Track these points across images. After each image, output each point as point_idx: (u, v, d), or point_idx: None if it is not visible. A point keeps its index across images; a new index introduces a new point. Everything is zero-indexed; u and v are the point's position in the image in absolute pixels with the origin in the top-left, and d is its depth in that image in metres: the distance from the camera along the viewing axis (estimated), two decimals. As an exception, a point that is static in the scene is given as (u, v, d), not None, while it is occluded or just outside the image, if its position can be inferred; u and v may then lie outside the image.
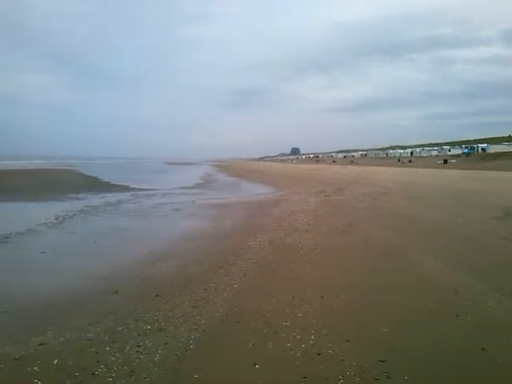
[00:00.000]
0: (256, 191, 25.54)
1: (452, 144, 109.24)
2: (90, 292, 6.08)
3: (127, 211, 15.19)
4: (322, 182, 29.76)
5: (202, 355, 4.07)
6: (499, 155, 61.19)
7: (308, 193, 21.47)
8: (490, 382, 3.61)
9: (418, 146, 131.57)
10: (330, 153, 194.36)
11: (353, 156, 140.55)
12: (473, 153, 79.52)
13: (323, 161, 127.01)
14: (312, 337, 4.38)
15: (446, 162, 65.84)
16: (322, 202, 16.84)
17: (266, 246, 8.85)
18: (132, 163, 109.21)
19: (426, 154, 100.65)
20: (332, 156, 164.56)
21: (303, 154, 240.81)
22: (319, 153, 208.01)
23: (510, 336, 4.35)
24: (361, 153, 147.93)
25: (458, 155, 78.47)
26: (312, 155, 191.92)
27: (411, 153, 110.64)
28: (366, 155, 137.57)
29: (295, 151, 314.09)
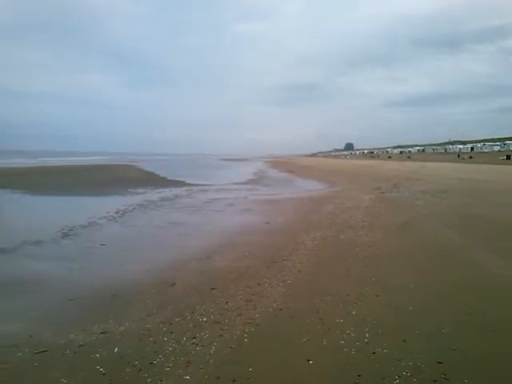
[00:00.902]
0: (308, 187, 25.39)
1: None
2: (149, 284, 6.31)
3: (183, 206, 15.64)
4: (377, 179, 29.02)
5: (256, 349, 4.12)
6: None
7: (362, 189, 21.03)
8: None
9: (479, 142, 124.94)
10: (385, 148, 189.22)
11: (409, 152, 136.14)
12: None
13: (378, 157, 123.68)
14: (367, 335, 4.31)
15: (509, 157, 61.88)
16: (377, 199, 16.43)
17: (319, 242, 8.79)
18: (188, 159, 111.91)
19: (487, 150, 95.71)
20: (387, 152, 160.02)
21: (357, 149, 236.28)
22: (374, 148, 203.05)
23: None
24: (418, 148, 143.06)
25: (522, 150, 73.82)
26: (366, 151, 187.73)
27: (471, 148, 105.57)
28: (423, 151, 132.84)
29: (349, 147, 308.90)
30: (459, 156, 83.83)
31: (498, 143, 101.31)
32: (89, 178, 31.10)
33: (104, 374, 3.70)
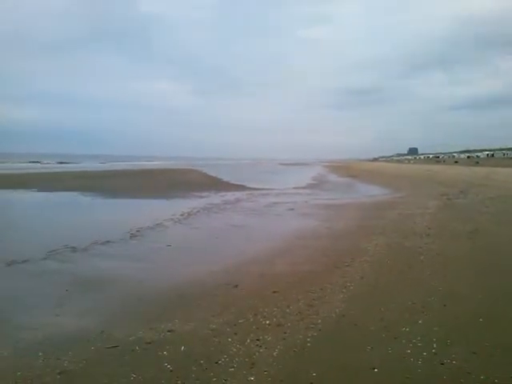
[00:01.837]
0: (370, 192, 24.83)
1: None
2: (213, 285, 6.49)
3: (245, 209, 15.88)
4: (443, 184, 27.79)
5: (319, 354, 4.11)
6: None
7: (427, 195, 20.23)
8: None
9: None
10: (451, 153, 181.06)
11: (478, 156, 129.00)
12: None
13: (444, 161, 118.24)
14: (434, 345, 4.17)
15: None
16: (444, 206, 15.75)
17: (382, 248, 8.59)
18: (249, 164, 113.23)
19: None
20: (454, 156, 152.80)
21: (421, 154, 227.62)
22: (439, 153, 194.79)
23: None
24: (487, 153, 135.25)
25: None
26: (431, 155, 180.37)
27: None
28: (492, 155, 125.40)
29: (413, 151, 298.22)
30: (534, 161, 78.34)
31: None
32: (155, 181, 32.32)
33: (171, 370, 3.84)
